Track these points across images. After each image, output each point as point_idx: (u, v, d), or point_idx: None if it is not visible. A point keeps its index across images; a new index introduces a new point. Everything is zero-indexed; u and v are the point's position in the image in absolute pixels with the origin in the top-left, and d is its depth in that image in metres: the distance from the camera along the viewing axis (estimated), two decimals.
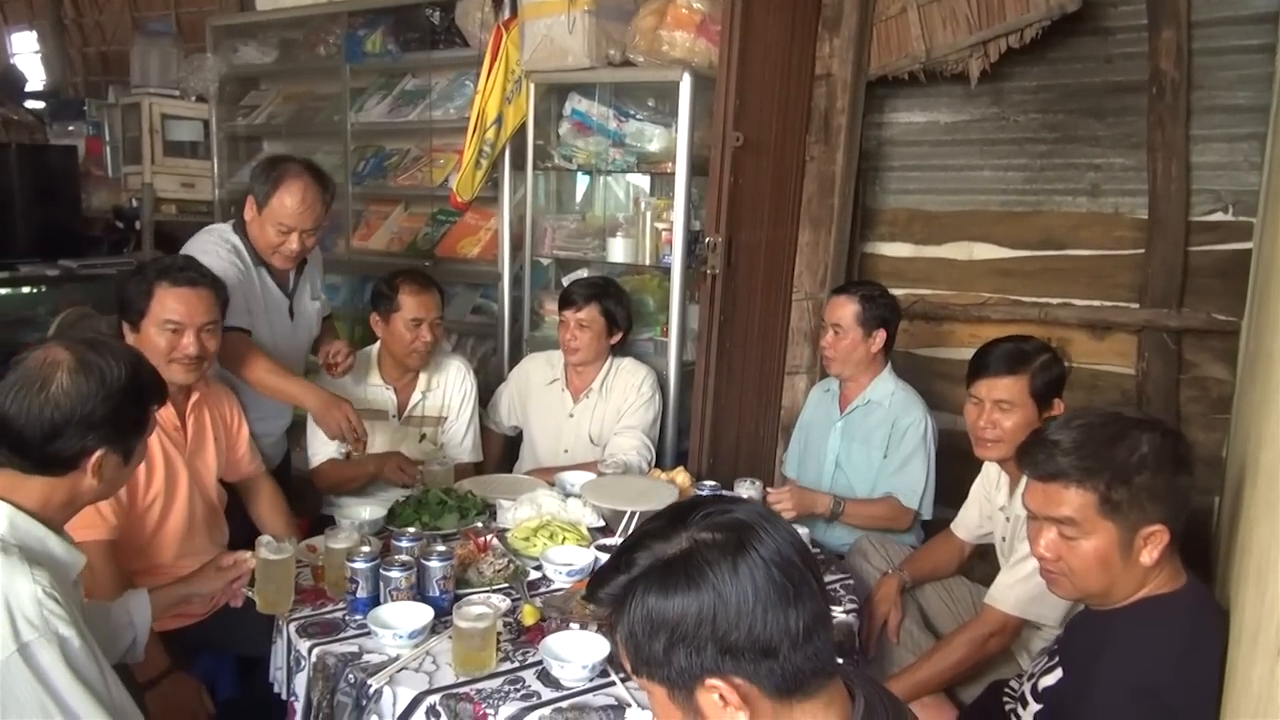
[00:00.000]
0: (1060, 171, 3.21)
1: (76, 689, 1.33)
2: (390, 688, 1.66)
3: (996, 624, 2.07)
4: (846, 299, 2.73)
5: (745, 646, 0.97)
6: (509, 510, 2.42)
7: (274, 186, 2.53)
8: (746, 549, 0.99)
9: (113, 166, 4.98)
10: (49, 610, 1.33)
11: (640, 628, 1.00)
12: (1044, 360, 2.17)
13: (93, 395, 1.43)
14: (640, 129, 3.21)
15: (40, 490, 1.45)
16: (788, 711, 1.01)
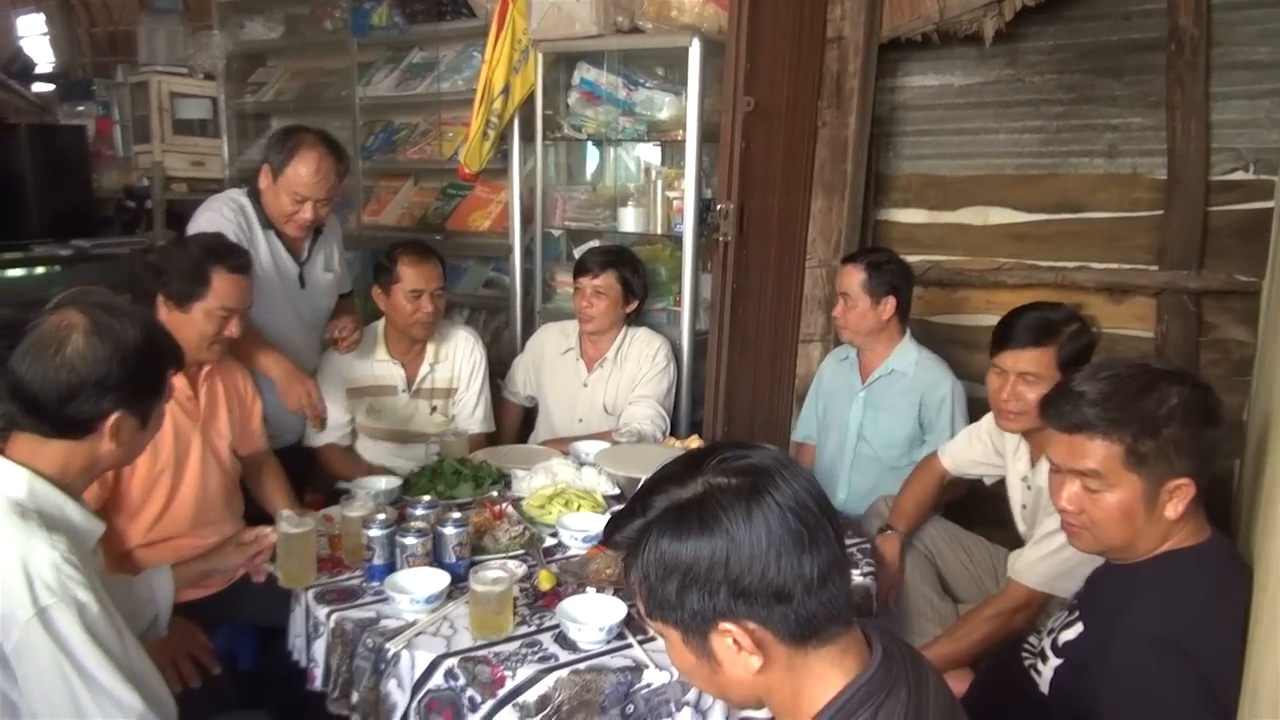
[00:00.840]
0: (1077, 133, 3.17)
1: (95, 653, 1.33)
2: (409, 651, 1.67)
3: (1021, 599, 2.04)
4: (853, 267, 2.71)
5: (758, 591, 0.96)
6: (524, 479, 2.42)
7: (289, 156, 2.55)
8: (762, 494, 0.98)
9: (123, 146, 4.97)
10: (67, 575, 1.33)
11: (654, 570, 1.00)
12: (1072, 331, 2.09)
13: (108, 358, 1.42)
14: (650, 97, 3.18)
15: (59, 455, 1.45)
16: (802, 657, 1.01)
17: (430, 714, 1.64)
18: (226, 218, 2.57)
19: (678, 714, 1.63)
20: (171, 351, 1.58)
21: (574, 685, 1.60)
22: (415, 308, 2.77)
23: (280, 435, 2.68)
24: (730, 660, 1.01)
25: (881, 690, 1.01)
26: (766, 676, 1.01)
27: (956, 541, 2.49)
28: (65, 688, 1.32)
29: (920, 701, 1.02)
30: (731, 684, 1.04)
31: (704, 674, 1.05)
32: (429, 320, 2.80)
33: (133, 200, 4.84)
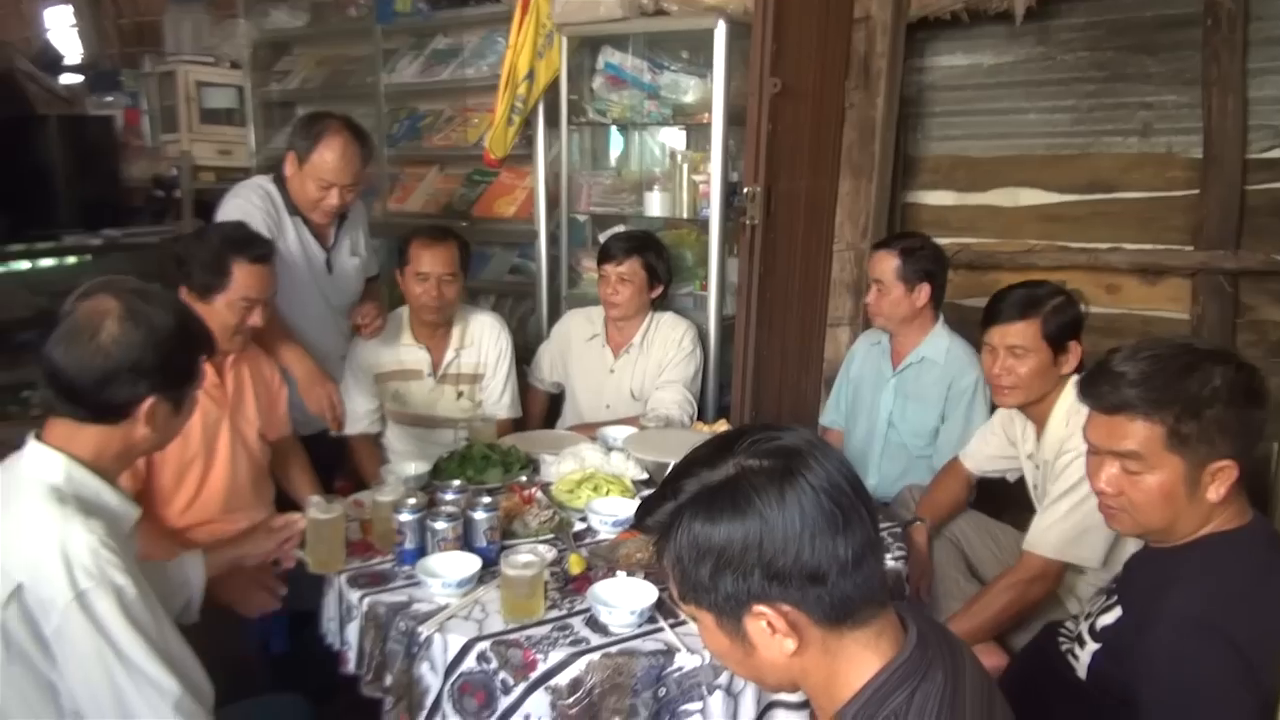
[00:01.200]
0: (1110, 111, 3.11)
1: (132, 637, 1.35)
2: (441, 635, 1.67)
3: (1037, 569, 2.05)
4: (886, 253, 2.68)
5: (792, 573, 0.96)
6: (552, 464, 2.42)
7: (314, 142, 2.55)
8: (795, 476, 0.97)
9: (150, 136, 5.01)
10: (104, 560, 1.35)
11: (686, 554, 0.99)
12: (1056, 304, 2.13)
13: (141, 343, 1.42)
14: (675, 80, 3.16)
15: (95, 440, 1.46)
16: (837, 640, 1.00)
17: (463, 696, 1.65)
18: (255, 204, 2.59)
19: (709, 697, 1.62)
20: (204, 337, 1.59)
21: (606, 668, 1.60)
22: (422, 290, 2.77)
23: (309, 422, 2.70)
24: (764, 643, 1.00)
25: (917, 673, 1.00)
26: (801, 659, 1.01)
27: (984, 530, 2.47)
28: (104, 670, 1.33)
29: (957, 685, 1.01)
30: (766, 667, 1.03)
31: (738, 657, 1.04)
32: (435, 305, 2.79)
33: (161, 190, 4.88)
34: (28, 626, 1.34)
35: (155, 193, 4.90)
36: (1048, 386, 2.13)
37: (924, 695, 0.99)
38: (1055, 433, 2.11)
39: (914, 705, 0.98)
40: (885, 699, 0.99)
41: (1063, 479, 2.03)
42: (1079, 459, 1.98)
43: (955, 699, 1.00)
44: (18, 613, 1.33)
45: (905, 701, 0.98)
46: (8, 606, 1.33)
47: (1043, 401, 2.14)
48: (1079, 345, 2.13)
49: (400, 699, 1.73)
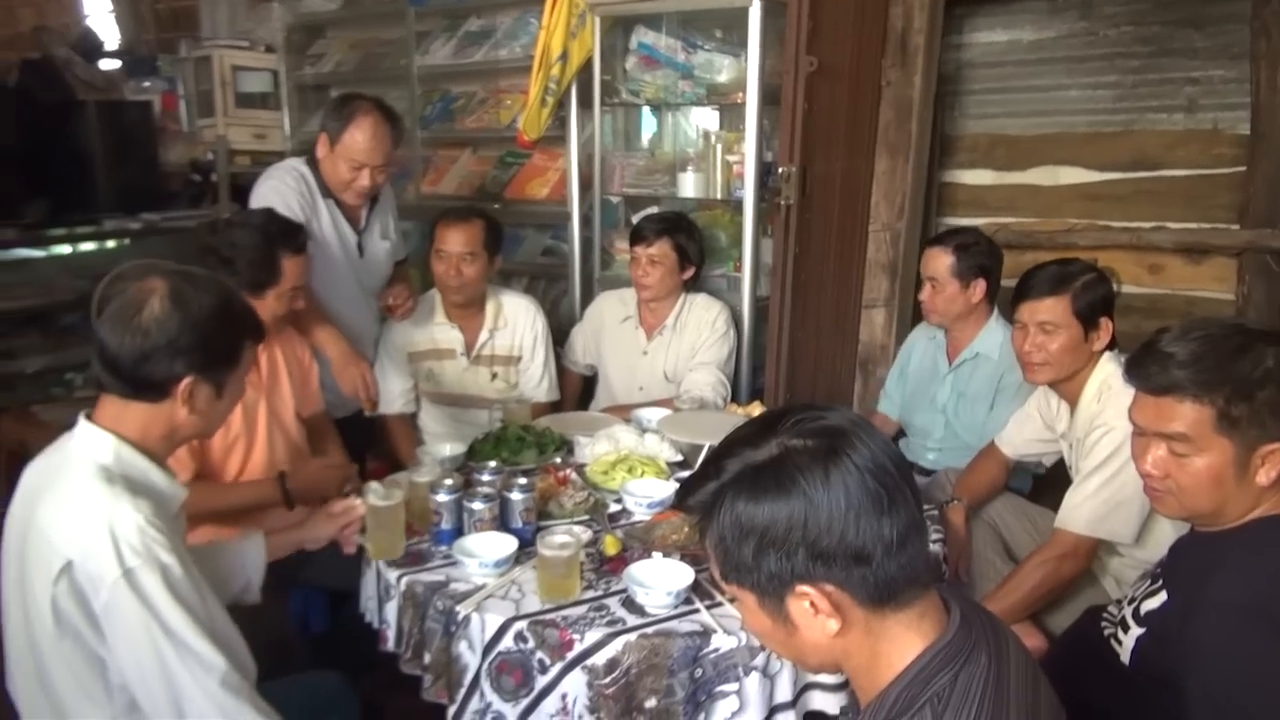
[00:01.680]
0: (1154, 87, 3.05)
1: (178, 613, 1.37)
2: (478, 614, 1.68)
3: (1068, 546, 2.04)
4: (940, 250, 2.63)
5: (837, 553, 0.95)
6: (587, 446, 2.42)
7: (345, 123, 2.57)
8: (839, 455, 0.97)
9: (187, 120, 5.06)
10: (151, 538, 1.37)
11: (730, 533, 0.99)
12: (1087, 280, 2.11)
13: (180, 322, 1.45)
14: (709, 60, 3.13)
15: (140, 419, 1.48)
16: (880, 621, 0.99)
17: (500, 675, 1.66)
18: (290, 186, 2.61)
19: (745, 679, 1.62)
20: (250, 323, 1.60)
21: (642, 649, 1.60)
22: (443, 270, 2.79)
23: (343, 404, 2.72)
24: (807, 623, 1.00)
25: (961, 654, 0.99)
26: (844, 640, 1.00)
27: (1021, 512, 2.45)
28: (151, 646, 1.36)
29: (1001, 667, 1.00)
30: (808, 647, 1.03)
31: (780, 638, 1.04)
32: (455, 284, 2.80)
33: (198, 174, 4.92)
34: (78, 602, 1.37)
35: (192, 177, 4.94)
36: (1079, 363, 2.11)
37: (968, 677, 0.98)
38: (1086, 410, 2.10)
39: (958, 687, 0.97)
40: (928, 681, 0.98)
41: (1093, 455, 2.02)
42: (1109, 434, 1.97)
43: (999, 681, 0.99)
44: (68, 589, 1.36)
45: (949, 683, 0.97)
46: (58, 583, 1.36)
47: (1074, 379, 2.13)
48: (1110, 322, 2.11)
49: (439, 676, 1.75)
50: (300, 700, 1.75)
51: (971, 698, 0.96)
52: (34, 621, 1.42)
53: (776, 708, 1.66)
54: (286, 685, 1.76)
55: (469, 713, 1.71)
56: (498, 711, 1.67)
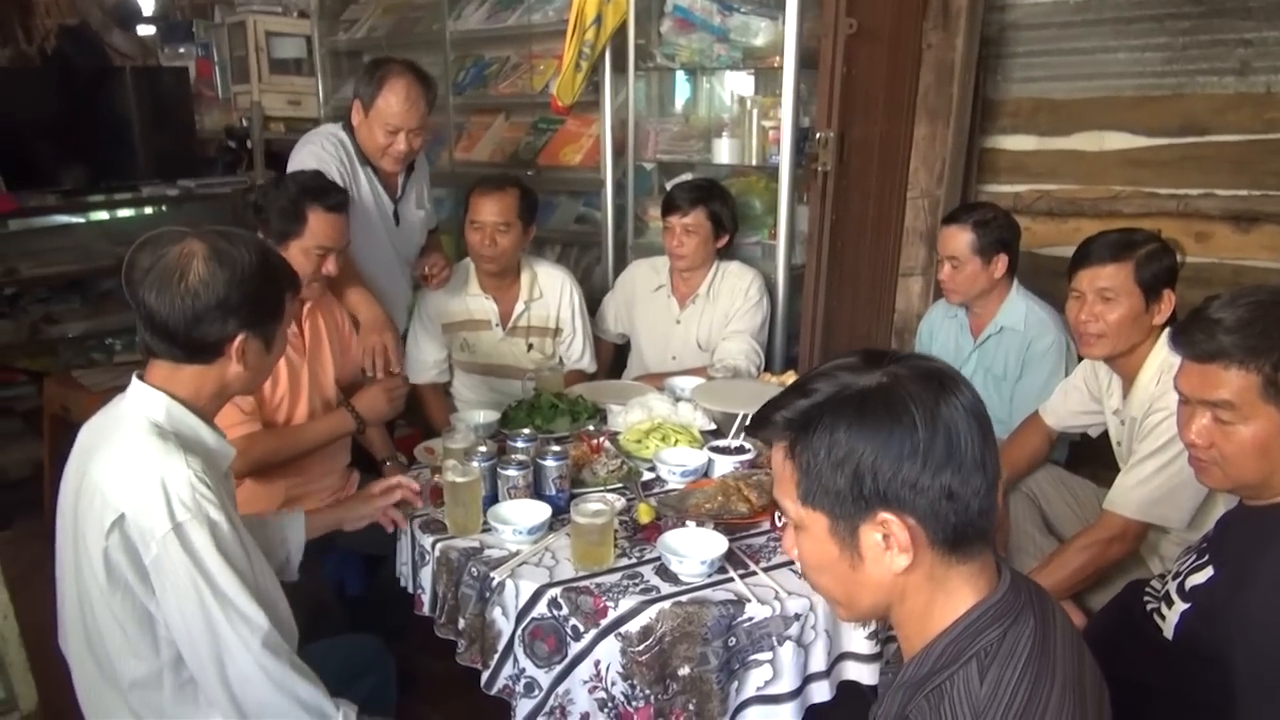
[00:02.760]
0: (1205, 49, 2.94)
1: (225, 570, 1.39)
2: (512, 580, 1.69)
3: (1117, 529, 1.99)
4: (958, 228, 2.57)
5: (931, 487, 0.95)
6: (620, 414, 2.42)
7: (378, 87, 2.56)
8: (949, 393, 0.97)
9: (222, 87, 5.08)
10: (200, 494, 1.40)
11: (825, 452, 0.97)
12: (1151, 249, 2.01)
13: (227, 281, 1.45)
14: (745, 22, 3.07)
15: (192, 380, 1.50)
16: (944, 568, 0.99)
17: (534, 641, 1.67)
18: (329, 152, 2.61)
19: (779, 648, 1.62)
20: (287, 273, 1.61)
21: (676, 617, 1.60)
22: (477, 240, 2.78)
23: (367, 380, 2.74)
24: (875, 557, 0.99)
25: (1009, 614, 0.99)
26: (906, 579, 1.00)
27: (1061, 483, 2.41)
28: (198, 601, 1.38)
29: (1046, 633, 1.00)
30: (866, 584, 1.02)
31: (839, 570, 1.02)
32: (489, 254, 2.79)
33: (233, 141, 4.95)
34: (128, 555, 1.39)
35: (227, 143, 4.97)
36: (1137, 337, 2.03)
37: (1015, 636, 0.98)
38: (1145, 389, 2.02)
39: (1005, 644, 0.97)
40: (977, 635, 0.98)
41: (1151, 438, 1.95)
42: (1170, 418, 1.90)
43: (1045, 644, 0.98)
44: (119, 541, 1.39)
45: (997, 640, 0.97)
46: (110, 535, 1.39)
47: (1132, 354, 2.04)
48: (1173, 295, 2.02)
49: (473, 641, 1.77)
50: (337, 662, 1.78)
51: (1018, 656, 0.96)
52: (86, 577, 1.44)
53: (810, 677, 1.66)
54: (324, 647, 1.79)
55: (503, 678, 1.72)
56: (531, 677, 1.68)
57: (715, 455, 2.14)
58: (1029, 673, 0.95)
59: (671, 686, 1.62)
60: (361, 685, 1.81)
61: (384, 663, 1.94)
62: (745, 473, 2.06)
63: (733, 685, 1.63)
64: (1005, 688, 0.94)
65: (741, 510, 1.91)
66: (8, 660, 2.00)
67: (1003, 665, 0.95)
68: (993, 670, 0.95)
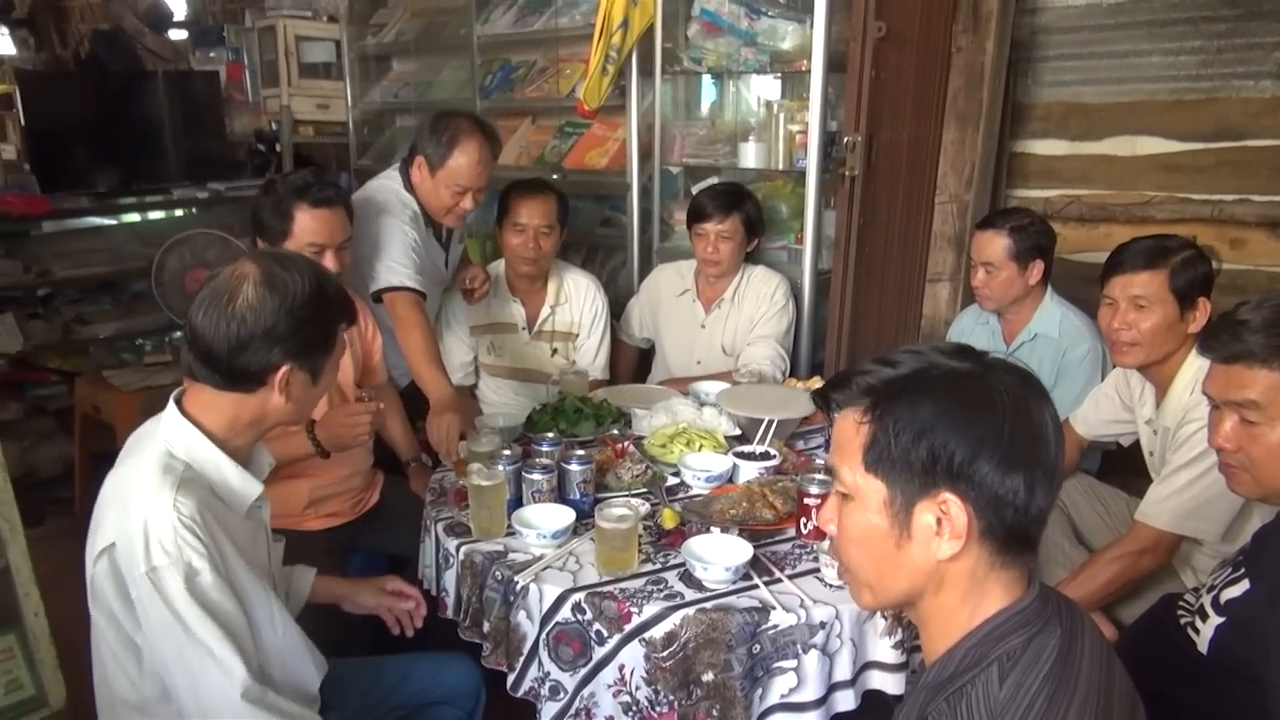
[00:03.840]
0: (1241, 53, 2.90)
1: (203, 620, 1.33)
2: (537, 585, 1.69)
3: (1149, 541, 1.95)
4: (994, 234, 2.54)
5: (1000, 481, 0.95)
6: (644, 418, 2.41)
7: (449, 148, 2.51)
8: (1041, 398, 0.99)
9: (252, 91, 5.13)
10: (183, 539, 1.33)
11: (904, 422, 0.97)
12: (1187, 256, 1.98)
13: (276, 309, 1.40)
14: (773, 26, 3.06)
15: (229, 408, 1.45)
16: (986, 569, 1.00)
17: (558, 645, 1.67)
18: (410, 229, 2.52)
19: (804, 656, 1.61)
20: (342, 304, 1.53)
21: (700, 623, 1.59)
22: (519, 242, 2.78)
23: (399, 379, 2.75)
24: (923, 539, 0.98)
25: (1035, 623, 0.99)
26: (946, 570, 0.99)
27: (1091, 493, 2.38)
28: (175, 644, 1.34)
29: (1072, 645, 0.99)
30: (904, 566, 1.01)
31: (879, 548, 1.02)
32: (532, 256, 2.80)
33: (263, 144, 5.00)
34: (116, 585, 1.36)
35: (257, 146, 5.02)
36: (1171, 345, 1.99)
37: (1039, 645, 0.97)
38: (1179, 399, 1.98)
39: (1029, 652, 0.96)
40: (1001, 640, 0.98)
41: (1185, 449, 1.92)
42: (1204, 429, 1.87)
43: (1070, 656, 0.97)
44: (107, 569, 1.36)
45: (1021, 646, 0.97)
46: (98, 562, 1.37)
47: (1166, 363, 2.01)
48: (1209, 303, 1.98)
49: (498, 645, 1.77)
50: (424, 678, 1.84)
51: (1041, 664, 0.96)
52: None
53: (835, 686, 1.65)
54: (413, 661, 1.86)
55: (528, 680, 1.72)
56: (556, 680, 1.68)
57: (740, 461, 2.13)
58: (1050, 681, 0.94)
59: (695, 692, 1.61)
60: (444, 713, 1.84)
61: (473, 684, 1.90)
62: (770, 479, 2.05)
63: (756, 692, 1.62)
64: (1025, 693, 0.93)
65: (766, 517, 1.90)
66: (38, 658, 2.02)
67: (1024, 671, 0.95)
68: (1014, 675, 0.94)
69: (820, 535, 1.82)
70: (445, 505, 2.05)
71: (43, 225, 4.22)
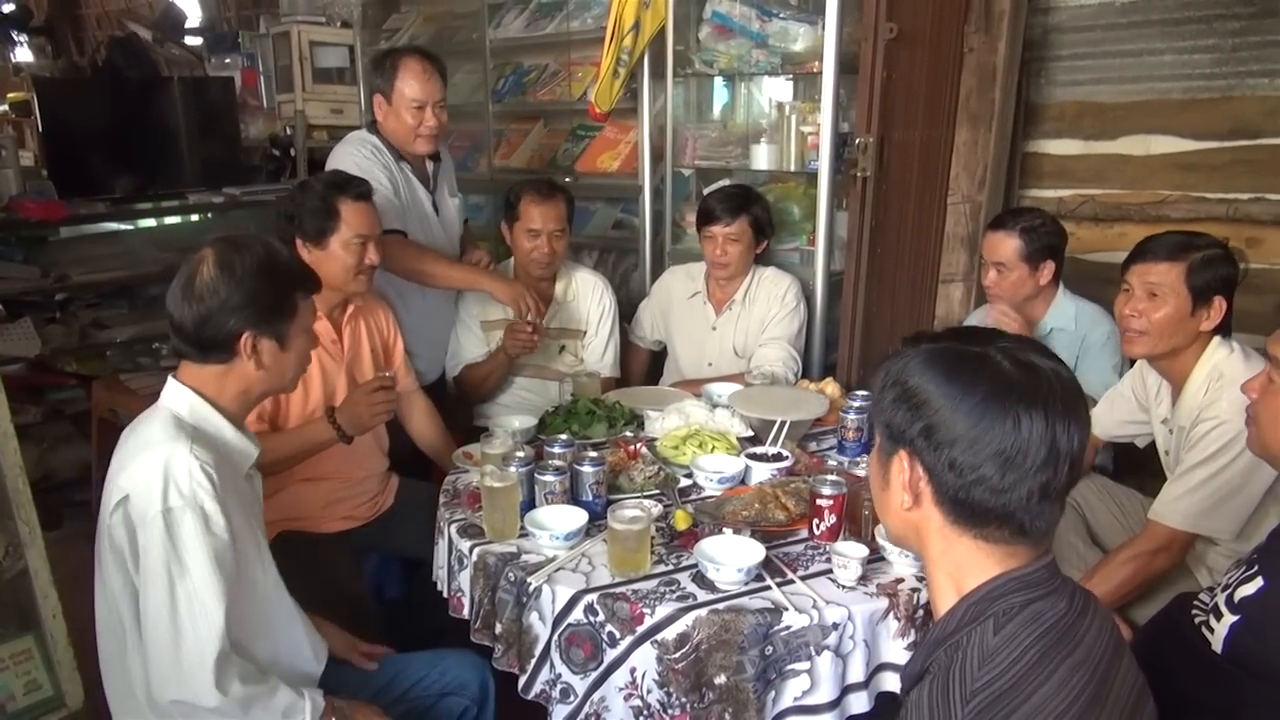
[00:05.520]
0: (1256, 50, 2.88)
1: (204, 564, 1.44)
2: (549, 586, 1.69)
3: (1163, 540, 1.94)
4: (1006, 235, 2.53)
5: (963, 461, 0.98)
6: (657, 420, 2.42)
7: (394, 73, 2.67)
8: (1048, 399, 0.98)
9: (267, 96, 5.16)
10: (199, 484, 1.46)
11: (890, 387, 1.05)
12: (1210, 254, 1.96)
13: (227, 281, 1.56)
14: (784, 28, 3.06)
15: (215, 380, 1.60)
16: (955, 533, 1.03)
17: (570, 647, 1.67)
18: (370, 158, 2.66)
19: (817, 658, 1.61)
20: (294, 273, 1.69)
21: (713, 625, 1.59)
22: (533, 246, 2.80)
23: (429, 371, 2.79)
24: (896, 490, 1.06)
25: (1038, 589, 1.01)
26: (917, 524, 1.06)
27: (1106, 493, 2.36)
28: (167, 587, 1.43)
29: (1078, 621, 1.00)
30: (888, 508, 1.11)
31: (876, 487, 1.13)
32: (545, 260, 2.82)
33: (277, 149, 5.03)
34: (128, 534, 1.47)
35: (272, 151, 5.05)
36: (1180, 340, 1.98)
37: (1039, 608, 0.99)
38: (1194, 397, 1.97)
39: (1027, 611, 0.99)
40: (999, 599, 1.01)
41: (1199, 448, 1.90)
42: (1219, 427, 1.86)
43: (1074, 628, 0.99)
44: (121, 519, 1.47)
45: (1019, 605, 0.99)
46: (114, 514, 1.47)
47: (1179, 359, 2.00)
48: (1225, 303, 1.95)
49: (510, 646, 1.77)
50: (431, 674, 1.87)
51: (1040, 623, 0.98)
52: (108, 566, 1.52)
53: (849, 688, 1.65)
54: (425, 659, 1.91)
55: (539, 683, 1.73)
56: (567, 683, 1.68)
57: (753, 462, 2.13)
58: (1047, 640, 0.97)
59: (708, 695, 1.61)
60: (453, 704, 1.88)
61: (481, 681, 1.92)
62: (783, 480, 2.04)
63: (769, 695, 1.62)
64: (1018, 644, 0.96)
65: (779, 518, 1.90)
66: (56, 659, 2.04)
67: (1020, 626, 0.98)
68: (1009, 628, 0.97)
69: (831, 536, 1.82)
70: (459, 507, 2.06)
71: (60, 230, 4.25)
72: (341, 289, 2.31)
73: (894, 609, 1.66)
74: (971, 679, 0.94)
